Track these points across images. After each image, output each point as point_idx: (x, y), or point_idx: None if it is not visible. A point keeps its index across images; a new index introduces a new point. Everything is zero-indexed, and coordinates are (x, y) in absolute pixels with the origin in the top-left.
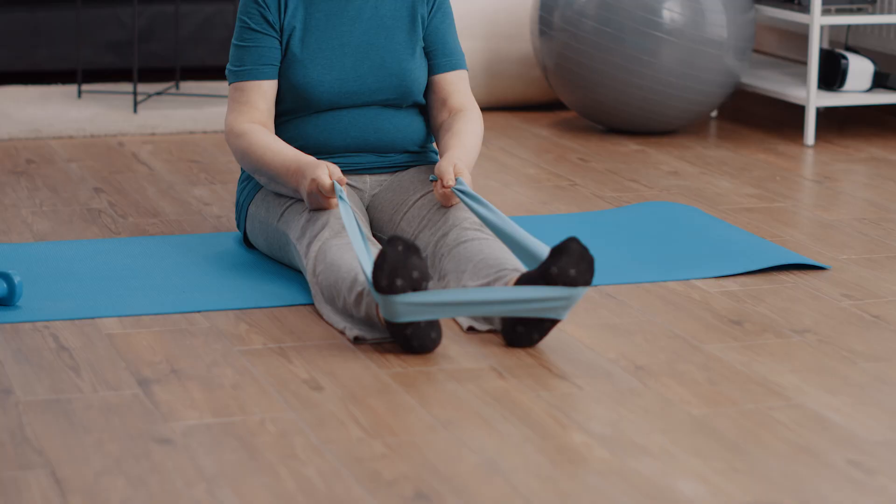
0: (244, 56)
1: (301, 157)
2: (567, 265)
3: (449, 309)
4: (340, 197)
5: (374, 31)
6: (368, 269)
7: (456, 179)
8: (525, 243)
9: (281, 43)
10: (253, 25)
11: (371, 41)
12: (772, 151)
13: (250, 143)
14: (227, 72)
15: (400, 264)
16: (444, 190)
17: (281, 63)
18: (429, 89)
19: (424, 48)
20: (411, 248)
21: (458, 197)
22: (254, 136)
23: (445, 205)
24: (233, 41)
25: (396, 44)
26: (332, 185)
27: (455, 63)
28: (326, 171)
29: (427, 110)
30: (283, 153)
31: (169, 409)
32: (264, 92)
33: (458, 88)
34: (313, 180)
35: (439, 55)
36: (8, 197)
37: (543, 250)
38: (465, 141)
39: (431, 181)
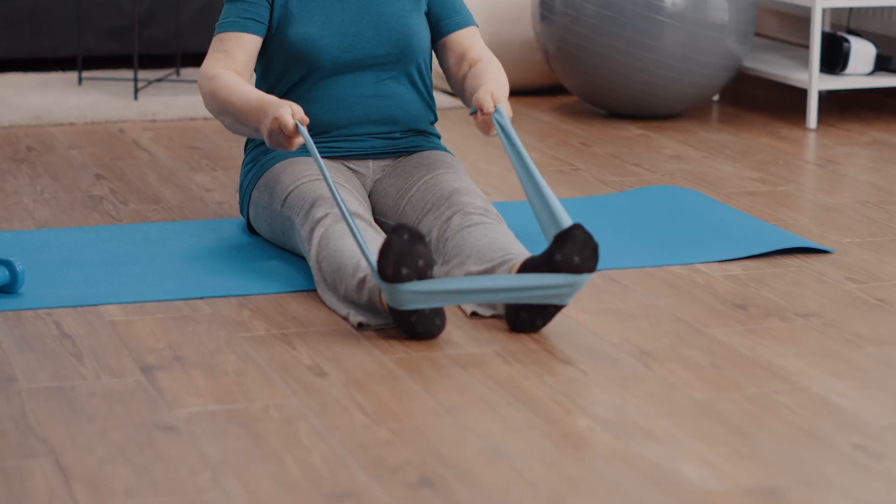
0: (231, 10)
1: (265, 97)
2: (571, 252)
3: (453, 296)
4: (305, 140)
5: None
6: (369, 253)
7: (496, 108)
8: (548, 205)
9: (273, 6)
10: None
11: None
12: (774, 135)
13: (219, 84)
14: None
15: (405, 252)
16: (484, 117)
17: (278, 22)
18: (444, 51)
19: (432, 13)
20: (416, 236)
21: (496, 127)
22: (224, 78)
23: (486, 133)
24: None
25: (394, 1)
26: (295, 125)
27: (466, 20)
28: (289, 111)
29: (446, 72)
30: (249, 94)
31: (172, 396)
32: (244, 43)
33: (474, 42)
34: (275, 119)
35: (449, 14)
36: (9, 184)
37: (563, 218)
38: (496, 76)
39: (471, 114)
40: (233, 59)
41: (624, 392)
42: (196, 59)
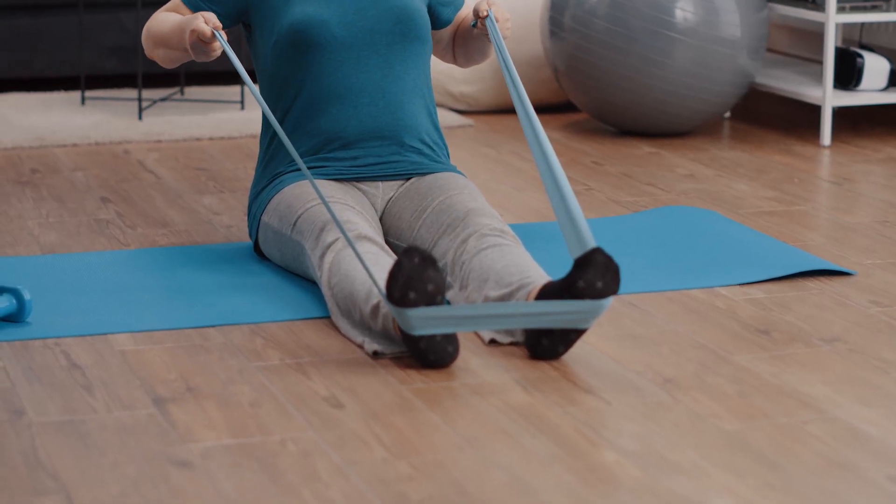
0: None
1: (184, 17)
2: (594, 278)
3: (466, 322)
4: (220, 40)
5: None
6: (375, 276)
7: (488, 14)
8: (560, 187)
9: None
10: None
11: None
12: (787, 152)
13: (153, 21)
14: None
15: (415, 276)
16: (483, 21)
17: (275, 8)
18: (445, 33)
19: (433, 8)
20: (427, 260)
21: (487, 29)
22: (157, 16)
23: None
24: None
25: None
26: (212, 32)
27: (458, 4)
28: (202, 20)
29: (449, 46)
30: (172, 19)
31: (186, 429)
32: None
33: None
34: (192, 31)
35: (448, 3)
36: (14, 208)
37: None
38: None
39: (472, 26)
40: (176, 10)
41: (649, 423)
42: (200, 78)
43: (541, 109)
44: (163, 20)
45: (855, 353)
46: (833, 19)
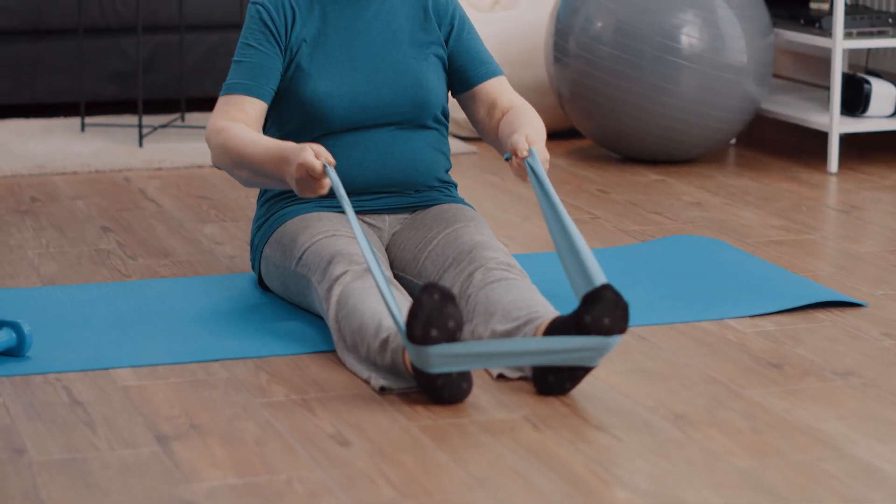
0: (239, 71)
1: (282, 144)
2: (601, 314)
3: (481, 360)
4: (332, 182)
5: (386, 45)
6: (397, 313)
7: (529, 151)
8: (581, 260)
9: (286, 61)
10: (252, 42)
11: (383, 54)
12: (794, 180)
13: (230, 135)
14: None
15: (436, 313)
16: (518, 161)
17: (290, 79)
18: (473, 102)
19: (456, 65)
20: (447, 297)
21: (528, 171)
22: (234, 129)
23: (523, 179)
24: (233, 58)
25: (409, 57)
26: (323, 166)
27: (493, 70)
28: (312, 153)
29: (476, 124)
30: (265, 143)
31: (190, 468)
32: (254, 103)
33: (504, 89)
34: (300, 164)
35: (475, 66)
36: (13, 238)
37: (597, 275)
38: (531, 119)
39: (506, 159)
40: (243, 112)
41: (662, 460)
42: (200, 104)
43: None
44: (246, 139)
45: (869, 387)
46: (840, 45)
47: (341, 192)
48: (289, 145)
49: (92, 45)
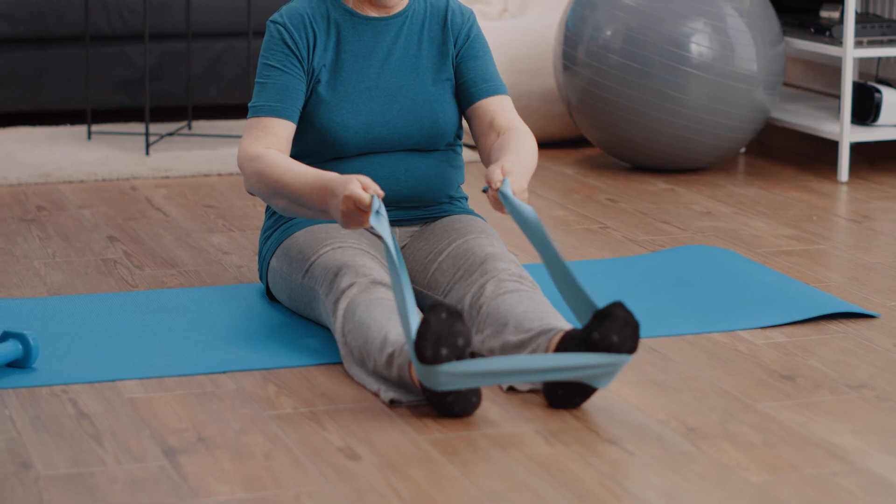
0: (265, 93)
1: (324, 175)
2: (610, 331)
3: (491, 377)
4: (377, 212)
5: (404, 73)
6: (412, 329)
7: (503, 181)
8: (571, 282)
9: (309, 84)
10: (275, 63)
11: (400, 83)
12: (805, 189)
13: (266, 164)
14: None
15: (445, 332)
16: (493, 193)
17: (307, 104)
18: (473, 118)
19: (461, 80)
20: (454, 315)
21: (504, 204)
22: (270, 157)
23: (500, 212)
24: (256, 79)
25: (426, 85)
26: (372, 198)
27: (496, 88)
28: (360, 185)
29: (476, 141)
30: (305, 172)
31: (198, 482)
32: (283, 124)
33: (504, 108)
34: (348, 197)
35: (478, 82)
36: (19, 247)
37: (590, 296)
38: (516, 149)
39: (483, 192)
40: (274, 136)
41: (674, 475)
42: (207, 111)
43: (553, 145)
44: (284, 167)
45: (883, 400)
46: (850, 54)
47: (386, 226)
48: (332, 176)
49: (98, 53)
